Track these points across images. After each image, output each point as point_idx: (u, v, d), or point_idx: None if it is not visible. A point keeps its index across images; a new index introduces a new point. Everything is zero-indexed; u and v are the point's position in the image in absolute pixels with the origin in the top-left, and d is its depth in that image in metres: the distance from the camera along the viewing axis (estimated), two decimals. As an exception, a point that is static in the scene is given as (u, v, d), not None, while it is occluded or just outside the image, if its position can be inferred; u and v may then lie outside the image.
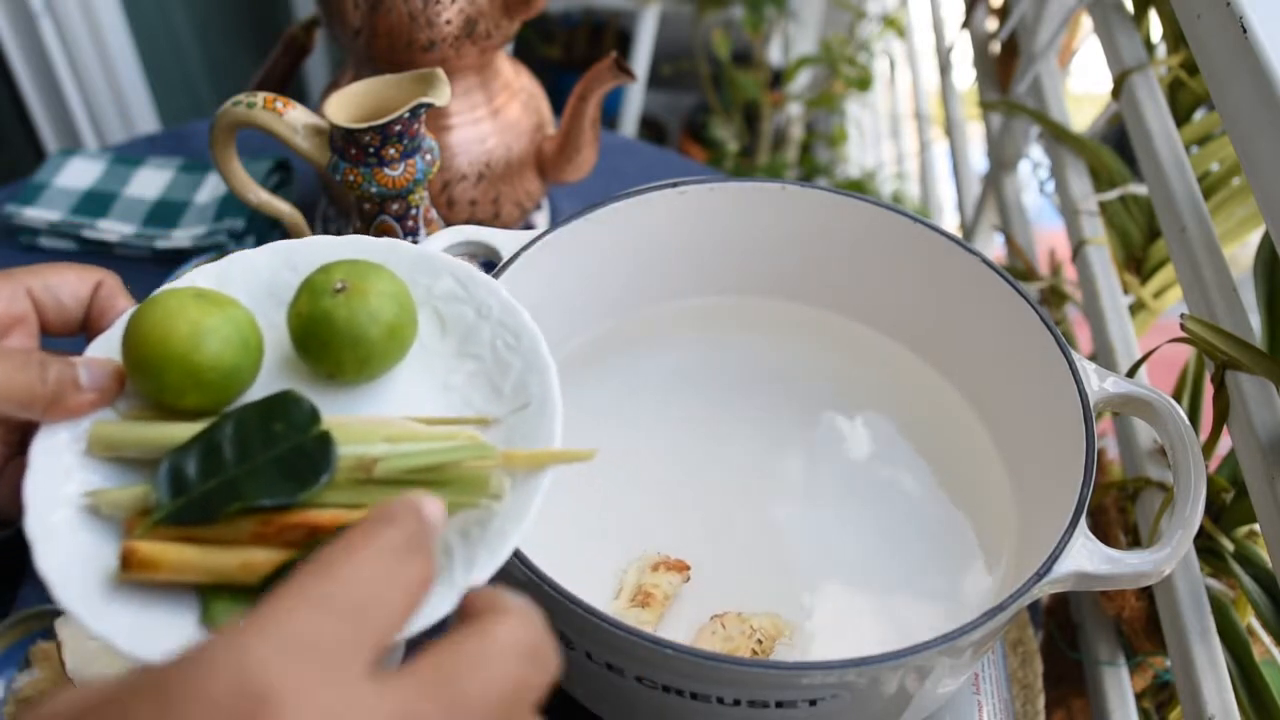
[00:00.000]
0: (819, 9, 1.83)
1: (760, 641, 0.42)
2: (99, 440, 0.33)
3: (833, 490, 0.49)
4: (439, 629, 0.26)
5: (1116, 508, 0.56)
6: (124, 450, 0.33)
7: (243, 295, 0.37)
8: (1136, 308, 0.63)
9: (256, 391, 0.35)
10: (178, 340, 0.32)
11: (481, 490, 0.31)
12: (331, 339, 0.34)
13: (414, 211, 0.55)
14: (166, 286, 0.36)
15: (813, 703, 0.37)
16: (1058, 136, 0.71)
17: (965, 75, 1.06)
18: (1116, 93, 0.64)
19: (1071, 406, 0.43)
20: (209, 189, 0.77)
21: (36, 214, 0.73)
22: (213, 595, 0.30)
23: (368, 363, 0.35)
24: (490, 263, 0.48)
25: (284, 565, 0.29)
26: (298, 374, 0.36)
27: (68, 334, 0.39)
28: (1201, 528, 0.46)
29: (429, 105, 0.51)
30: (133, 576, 0.30)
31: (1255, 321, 0.47)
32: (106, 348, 0.36)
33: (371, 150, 0.52)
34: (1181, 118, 0.62)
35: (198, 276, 0.38)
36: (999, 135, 0.89)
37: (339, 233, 0.72)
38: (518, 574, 0.37)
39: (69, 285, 0.38)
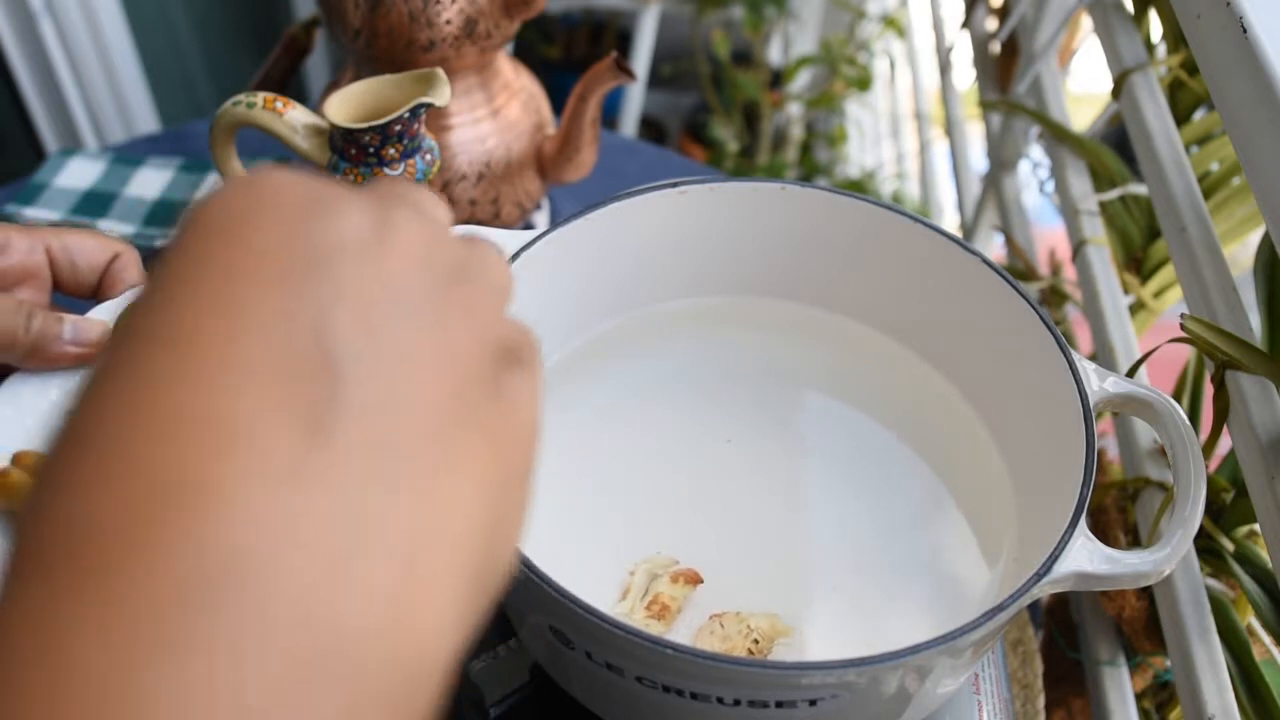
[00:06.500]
0: (819, 9, 1.83)
1: (757, 641, 0.42)
2: None
3: (833, 490, 0.49)
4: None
5: (1116, 508, 0.56)
6: None
7: None
8: (1136, 308, 0.63)
9: None
10: None
11: None
12: None
13: (414, 211, 0.55)
14: None
15: (813, 703, 0.37)
16: (1058, 136, 0.71)
17: (965, 75, 1.06)
18: (1116, 93, 0.64)
19: (1071, 406, 0.43)
20: (209, 189, 0.77)
21: (36, 214, 0.73)
22: None
23: None
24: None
25: None
26: None
27: (79, 296, 0.41)
28: (1201, 528, 0.46)
29: (429, 105, 0.51)
30: None
31: (1255, 321, 0.47)
32: (109, 312, 0.37)
33: (371, 150, 0.52)
34: (1181, 118, 0.62)
35: None
36: (999, 135, 0.89)
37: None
38: (518, 574, 0.37)
39: (86, 251, 0.40)
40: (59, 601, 0.14)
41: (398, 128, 0.51)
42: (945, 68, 1.06)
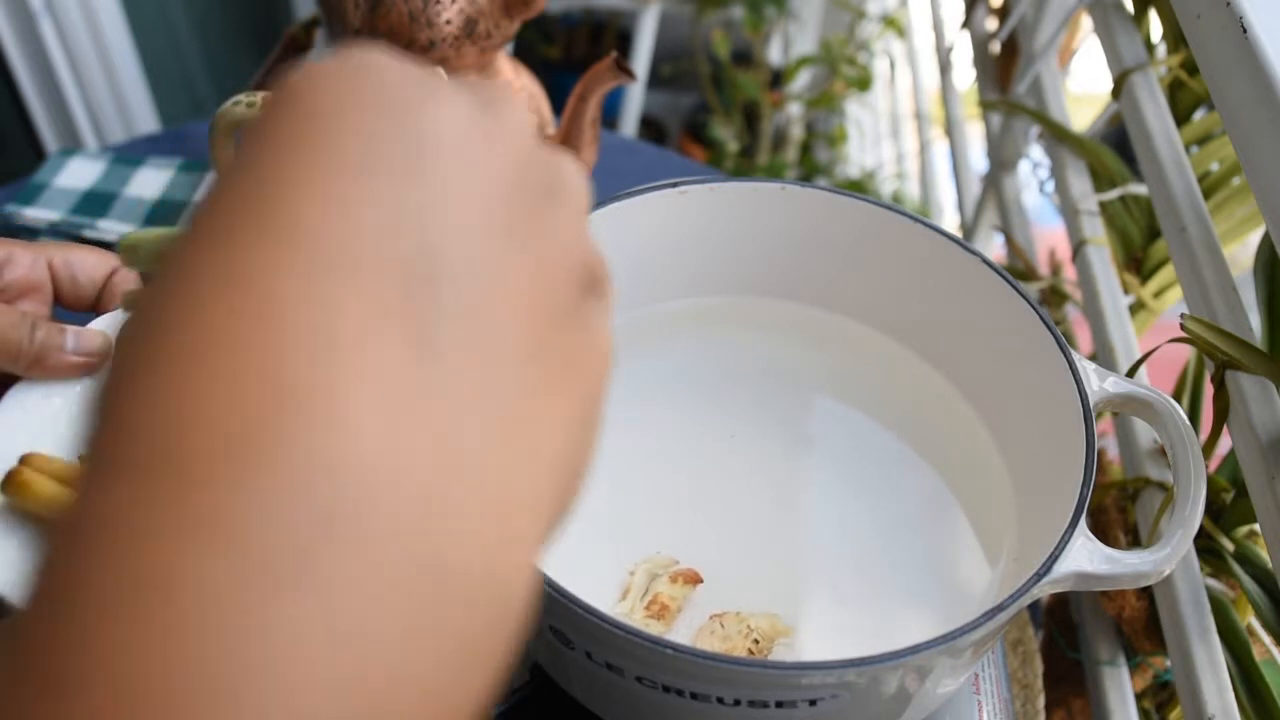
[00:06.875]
0: (819, 9, 1.83)
1: (757, 641, 0.42)
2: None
3: (833, 490, 0.49)
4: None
5: (1116, 508, 0.56)
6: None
7: None
8: (1136, 308, 0.63)
9: None
10: None
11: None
12: None
13: (414, 211, 0.55)
14: None
15: (813, 703, 0.37)
16: (1058, 136, 0.71)
17: (965, 75, 1.06)
18: (1116, 93, 0.64)
19: (1071, 406, 0.43)
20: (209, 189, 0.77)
21: (36, 214, 0.73)
22: None
23: None
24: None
25: None
26: None
27: (80, 310, 0.42)
28: (1201, 528, 0.46)
29: (429, 105, 0.51)
30: (8, 496, 0.33)
31: (1255, 321, 0.47)
32: (108, 325, 0.39)
33: (371, 150, 0.52)
34: (1181, 118, 0.62)
35: None
36: (999, 135, 0.89)
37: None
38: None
39: (86, 265, 0.41)
40: (153, 511, 0.12)
41: (398, 128, 0.51)
42: (945, 68, 1.06)
